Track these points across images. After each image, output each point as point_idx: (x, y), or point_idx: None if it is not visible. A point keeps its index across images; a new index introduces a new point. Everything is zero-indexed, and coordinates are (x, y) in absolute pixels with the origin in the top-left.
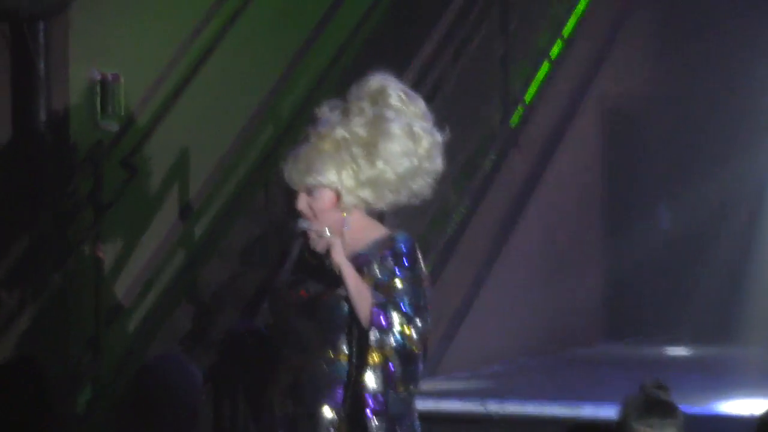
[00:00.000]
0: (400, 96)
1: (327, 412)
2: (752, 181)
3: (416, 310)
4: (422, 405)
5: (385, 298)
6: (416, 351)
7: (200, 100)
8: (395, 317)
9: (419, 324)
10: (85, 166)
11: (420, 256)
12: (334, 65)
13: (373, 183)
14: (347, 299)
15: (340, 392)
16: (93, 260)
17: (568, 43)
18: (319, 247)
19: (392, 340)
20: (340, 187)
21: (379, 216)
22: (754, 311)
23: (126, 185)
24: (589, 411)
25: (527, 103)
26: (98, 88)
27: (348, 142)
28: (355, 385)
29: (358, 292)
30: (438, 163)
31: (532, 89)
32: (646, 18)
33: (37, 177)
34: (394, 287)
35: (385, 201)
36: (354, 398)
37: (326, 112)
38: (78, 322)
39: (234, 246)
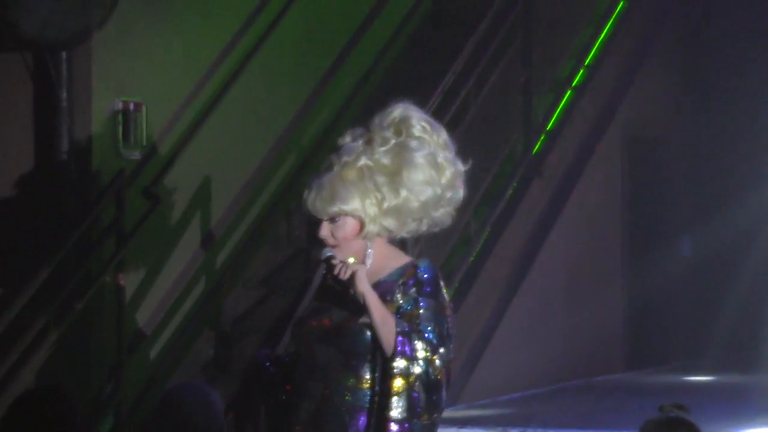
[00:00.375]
0: (423, 126)
1: None
2: None
3: (440, 338)
4: None
5: (409, 327)
6: (440, 379)
7: (222, 129)
8: (419, 345)
9: (443, 352)
10: (107, 195)
11: (443, 283)
12: (356, 95)
13: (396, 211)
14: (371, 327)
15: (363, 421)
16: (115, 289)
17: (591, 72)
18: (343, 275)
19: (417, 368)
20: (363, 216)
21: (401, 244)
22: None
23: (148, 214)
24: None
25: (549, 131)
26: (120, 118)
27: (372, 171)
28: (379, 413)
29: (383, 320)
30: (460, 193)
31: (554, 117)
32: (669, 45)
33: (59, 206)
34: (418, 315)
35: (407, 229)
36: (378, 427)
37: (349, 140)
38: (100, 351)
39: (256, 274)
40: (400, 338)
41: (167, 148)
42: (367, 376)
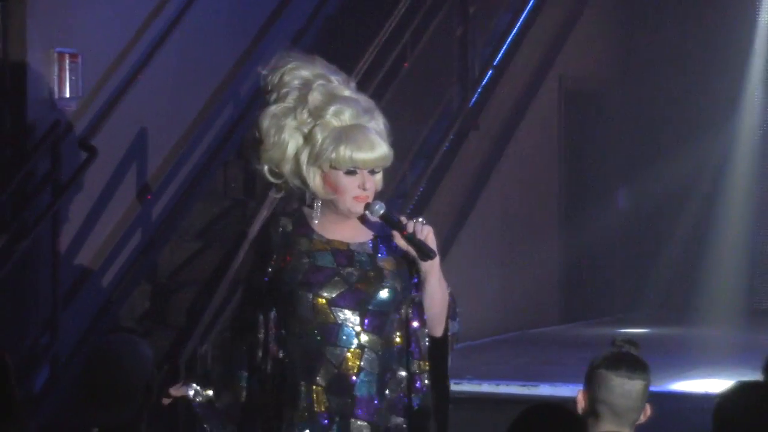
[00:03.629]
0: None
1: (378, 404)
2: (710, 163)
3: None
4: None
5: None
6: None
7: (159, 81)
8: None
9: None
10: (42, 146)
11: None
12: (292, 48)
13: None
14: (395, 286)
15: (388, 380)
16: (51, 241)
17: (528, 25)
18: (420, 233)
19: (457, 327)
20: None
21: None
22: (711, 292)
23: (84, 166)
24: (545, 390)
25: (486, 84)
26: (56, 69)
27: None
28: (436, 373)
29: (443, 287)
30: None
31: (490, 71)
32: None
33: None
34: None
35: None
36: (435, 385)
37: (346, 93)
38: (35, 303)
39: (193, 226)
40: (451, 299)
41: (103, 100)
42: (392, 335)
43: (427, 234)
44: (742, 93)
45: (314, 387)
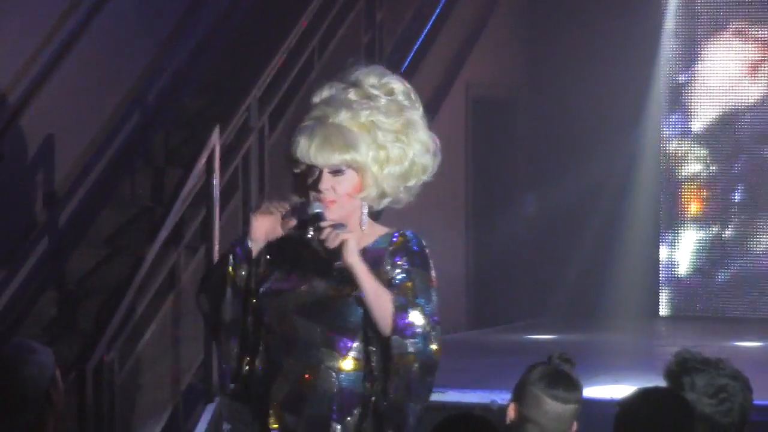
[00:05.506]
0: (407, 88)
1: (334, 426)
2: (616, 169)
3: (436, 312)
4: None
5: (405, 299)
6: (437, 358)
7: (66, 87)
8: (418, 320)
9: (438, 328)
10: None
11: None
12: (201, 54)
13: (400, 176)
14: (360, 301)
15: (352, 404)
16: None
17: (435, 32)
18: (331, 242)
19: (415, 347)
20: (367, 172)
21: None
22: (616, 299)
23: None
24: (453, 397)
25: None
26: None
27: (376, 127)
28: (375, 397)
29: (376, 294)
30: (433, 169)
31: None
32: (513, 7)
33: None
34: (413, 288)
35: (394, 198)
36: (370, 411)
37: (333, 93)
38: None
39: (100, 233)
40: (398, 314)
41: (10, 105)
42: (353, 354)
43: (332, 239)
44: (647, 100)
45: (271, 402)
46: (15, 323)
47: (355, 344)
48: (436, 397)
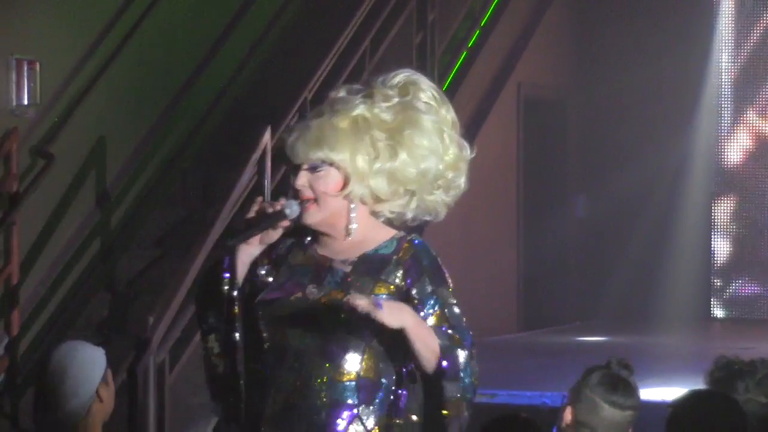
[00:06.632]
0: (433, 94)
1: None
2: (667, 170)
3: (467, 332)
4: None
5: (445, 333)
6: (478, 382)
7: (117, 88)
8: (462, 357)
9: (472, 343)
10: None
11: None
12: (251, 56)
13: (390, 175)
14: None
15: (343, 419)
16: (5, 249)
17: (486, 32)
18: (362, 308)
19: (462, 390)
20: (349, 170)
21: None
22: (667, 300)
23: (41, 173)
24: (503, 399)
25: (444, 92)
26: (14, 76)
27: (369, 124)
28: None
29: (425, 344)
30: (462, 181)
31: (449, 78)
32: (564, 7)
33: None
34: (448, 316)
35: (395, 203)
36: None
37: (345, 94)
38: None
39: (151, 234)
40: (443, 356)
41: (61, 107)
42: (349, 367)
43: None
44: (700, 99)
45: (264, 416)
46: (67, 324)
47: (350, 354)
48: (486, 399)
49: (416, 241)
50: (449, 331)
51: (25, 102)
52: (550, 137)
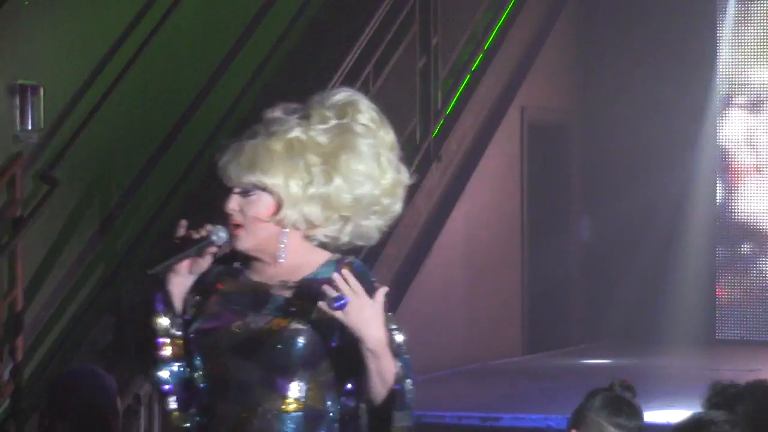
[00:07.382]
0: (372, 116)
1: None
2: (670, 193)
3: (407, 357)
4: None
5: (401, 371)
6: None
7: (121, 113)
8: (408, 385)
9: (410, 371)
10: (3, 179)
11: None
12: (254, 80)
13: (324, 200)
14: (304, 333)
15: None
16: (9, 274)
17: (490, 56)
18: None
19: (408, 417)
20: (283, 195)
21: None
22: (671, 323)
23: (45, 198)
24: (507, 422)
25: (448, 115)
26: (17, 101)
27: (304, 147)
28: None
29: (384, 373)
30: (398, 206)
31: (453, 102)
32: (567, 32)
33: None
34: (392, 344)
35: (328, 229)
36: None
37: (280, 114)
38: None
39: (156, 259)
40: (398, 387)
41: (65, 132)
42: (294, 395)
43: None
44: (702, 124)
45: None
46: (72, 349)
47: (294, 383)
48: (489, 422)
49: (356, 265)
50: (401, 366)
51: (29, 127)
52: (553, 160)
